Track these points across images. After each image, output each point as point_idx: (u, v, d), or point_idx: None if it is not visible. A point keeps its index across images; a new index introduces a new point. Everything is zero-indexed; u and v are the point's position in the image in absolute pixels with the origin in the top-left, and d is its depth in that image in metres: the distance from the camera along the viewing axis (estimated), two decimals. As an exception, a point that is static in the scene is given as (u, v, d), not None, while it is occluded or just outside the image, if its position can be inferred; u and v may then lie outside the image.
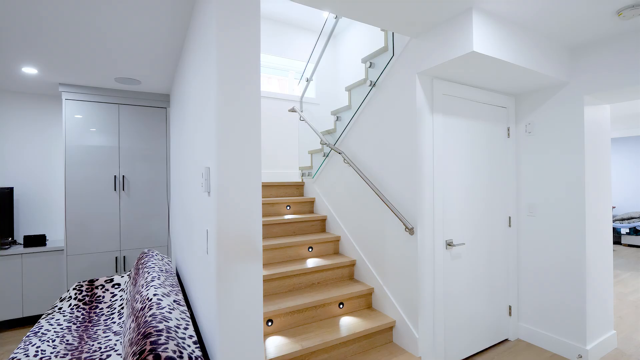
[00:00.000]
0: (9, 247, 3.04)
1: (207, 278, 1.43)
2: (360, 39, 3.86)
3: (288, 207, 3.11)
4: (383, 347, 2.17)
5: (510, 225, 2.59)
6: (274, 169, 3.94)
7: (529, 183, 2.56)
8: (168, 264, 2.36)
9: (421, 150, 2.09)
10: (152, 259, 2.27)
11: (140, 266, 2.20)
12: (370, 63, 2.55)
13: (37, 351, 1.70)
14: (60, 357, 1.67)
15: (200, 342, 1.61)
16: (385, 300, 2.32)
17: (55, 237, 3.47)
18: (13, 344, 2.72)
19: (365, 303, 2.43)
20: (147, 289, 1.71)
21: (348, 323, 2.16)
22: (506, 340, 2.59)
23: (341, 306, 2.31)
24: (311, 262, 2.54)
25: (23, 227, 3.36)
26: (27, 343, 1.78)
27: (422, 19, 1.88)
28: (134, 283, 2.09)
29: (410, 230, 2.02)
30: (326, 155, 3.11)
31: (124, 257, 3.22)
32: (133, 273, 2.27)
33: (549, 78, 2.22)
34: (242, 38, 1.24)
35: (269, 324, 2.04)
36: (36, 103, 3.43)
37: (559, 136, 2.37)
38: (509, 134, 2.60)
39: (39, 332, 1.90)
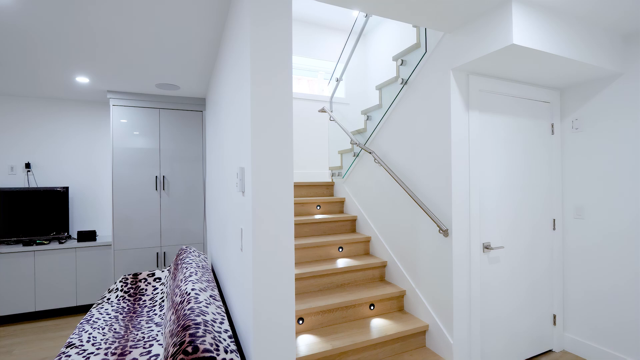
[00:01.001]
0: (65, 242, 3.32)
1: (242, 275, 1.47)
2: (391, 36, 3.80)
3: (318, 207, 3.13)
4: (416, 352, 2.12)
5: (554, 229, 2.44)
6: (304, 169, 3.98)
7: (576, 183, 2.39)
8: (204, 260, 2.47)
9: (456, 148, 2.02)
10: (189, 255, 2.38)
11: (179, 262, 2.31)
12: (402, 61, 2.50)
13: (89, 337, 1.84)
14: (109, 343, 1.80)
15: (234, 337, 1.66)
16: (418, 303, 2.27)
17: (104, 233, 3.74)
18: (68, 329, 2.97)
19: (397, 305, 2.39)
20: (186, 283, 1.80)
21: (379, 325, 2.14)
22: (550, 351, 2.43)
23: (372, 307, 2.29)
24: (341, 262, 2.54)
25: (76, 223, 3.66)
26: (81, 330, 1.93)
27: (456, 13, 1.82)
28: (173, 278, 2.21)
29: (445, 232, 1.96)
30: (356, 155, 3.09)
31: (164, 252, 3.41)
32: (172, 268, 2.40)
33: (600, 69, 2.06)
34: (274, 39, 1.27)
35: (300, 322, 2.06)
36: (87, 109, 3.71)
37: (612, 132, 2.19)
38: (552, 131, 2.44)
39: (90, 320, 2.06)
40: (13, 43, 2.17)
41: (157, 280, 2.63)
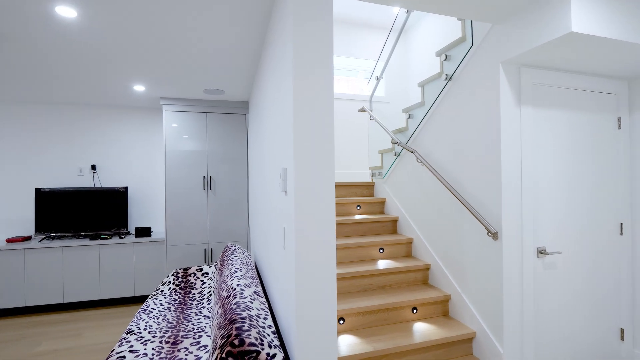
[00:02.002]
0: (124, 237, 3.63)
1: (285, 272, 1.51)
2: (433, 32, 3.67)
3: (358, 207, 3.11)
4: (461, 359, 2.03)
5: (621, 233, 2.20)
6: (343, 169, 3.98)
7: (649, 183, 2.14)
8: (248, 257, 2.56)
9: (506, 146, 1.90)
10: (234, 252, 2.48)
11: (225, 258, 2.43)
12: (446, 56, 2.41)
13: (146, 325, 1.99)
14: (163, 332, 1.94)
15: (277, 332, 1.71)
16: (464, 309, 2.17)
17: (158, 229, 4.03)
18: (128, 317, 3.25)
19: (441, 310, 2.30)
20: (232, 279, 1.88)
21: (422, 329, 2.08)
22: (616, 367, 2.20)
23: (414, 311, 2.23)
24: (382, 264, 2.50)
25: (134, 220, 3.98)
26: (139, 318, 2.10)
27: (506, 3, 1.71)
28: (219, 273, 2.32)
29: (494, 235, 1.86)
30: (397, 155, 3.03)
31: (211, 249, 3.59)
32: (219, 264, 2.52)
33: (678, 55, 1.83)
34: (316, 40, 1.29)
35: (341, 322, 2.07)
36: (143, 115, 4.02)
37: (692, 125, 1.93)
38: (619, 125, 2.21)
39: (147, 309, 2.23)
40: (80, 56, 2.41)
41: (205, 275, 2.78)
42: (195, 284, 2.70)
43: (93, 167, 3.84)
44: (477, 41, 2.08)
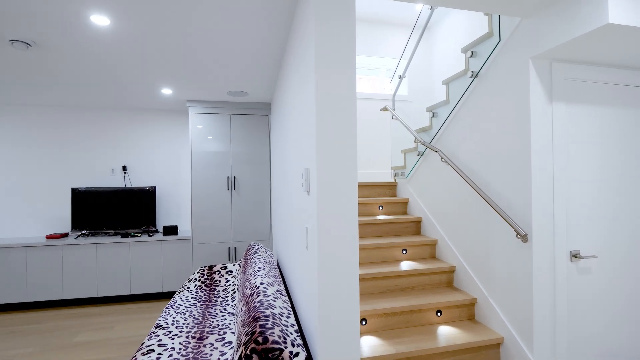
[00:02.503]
0: (153, 235, 3.77)
1: (307, 272, 1.52)
2: (457, 28, 3.57)
3: (380, 208, 3.08)
4: (488, 364, 1.97)
5: (665, 237, 2.06)
6: (365, 169, 3.95)
7: (697, 183, 1.98)
8: (271, 256, 2.59)
9: (537, 144, 1.82)
10: (257, 251, 2.53)
11: (248, 257, 2.47)
12: (472, 52, 2.34)
13: (173, 320, 2.06)
14: (190, 328, 2.00)
15: (300, 331, 1.72)
16: (491, 313, 2.10)
17: (184, 228, 4.16)
18: (156, 312, 3.37)
19: (467, 314, 2.24)
20: (255, 277, 1.91)
21: (447, 333, 2.03)
22: (660, 380, 2.06)
23: (439, 314, 2.18)
24: (405, 265, 2.46)
25: (162, 218, 4.13)
26: (166, 313, 2.17)
27: (537, -4, 1.64)
28: (243, 271, 2.36)
29: (523, 237, 1.79)
30: (421, 154, 2.97)
31: (235, 247, 3.67)
32: (242, 263, 2.57)
33: None
34: (338, 41, 1.29)
35: (363, 323, 2.05)
36: (170, 117, 4.17)
37: None
38: (663, 122, 2.06)
39: (174, 305, 2.31)
40: (112, 62, 2.53)
41: (229, 273, 2.84)
42: (219, 281, 2.77)
43: (124, 168, 4.02)
44: (505, 36, 2.01)
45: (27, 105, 3.82)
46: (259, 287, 1.76)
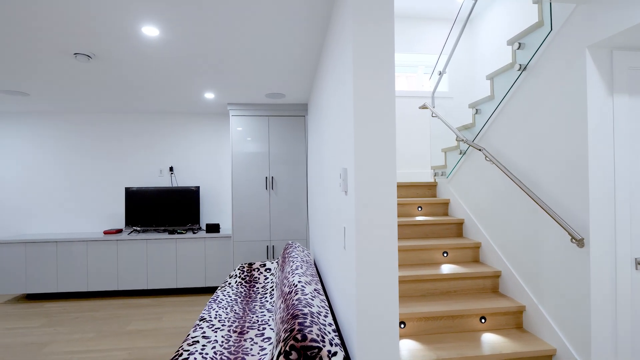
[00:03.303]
0: (197, 232, 3.97)
1: (344, 272, 1.52)
2: (503, 19, 3.37)
3: (419, 209, 3.00)
4: (539, 377, 1.84)
5: None
6: (404, 168, 3.87)
7: None
8: (308, 255, 2.62)
9: (595, 140, 1.67)
10: (295, 250, 2.57)
11: (286, 255, 2.52)
12: (519, 44, 2.20)
13: (216, 314, 2.16)
14: (231, 322, 2.08)
15: (337, 331, 1.72)
16: (541, 322, 1.96)
17: (225, 226, 4.34)
18: (200, 305, 3.55)
19: (514, 322, 2.11)
20: (293, 276, 1.94)
21: (492, 341, 1.93)
22: None
23: (483, 321, 2.07)
24: (446, 268, 2.37)
25: (205, 216, 4.33)
26: (210, 307, 2.28)
27: (595, -21, 1.51)
28: (281, 269, 2.41)
29: (579, 242, 1.65)
30: (463, 153, 2.85)
31: (273, 246, 3.76)
32: (280, 261, 2.62)
33: None
34: (377, 40, 1.27)
35: (402, 326, 2.01)
36: (212, 120, 4.37)
37: None
38: None
39: (216, 299, 2.41)
40: (160, 70, 2.70)
41: (268, 270, 2.92)
42: (258, 278, 2.85)
43: (171, 169, 4.27)
44: (557, 25, 1.87)
45: (86, 112, 4.19)
46: (296, 285, 1.78)
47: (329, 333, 1.38)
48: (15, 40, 2.11)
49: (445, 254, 2.54)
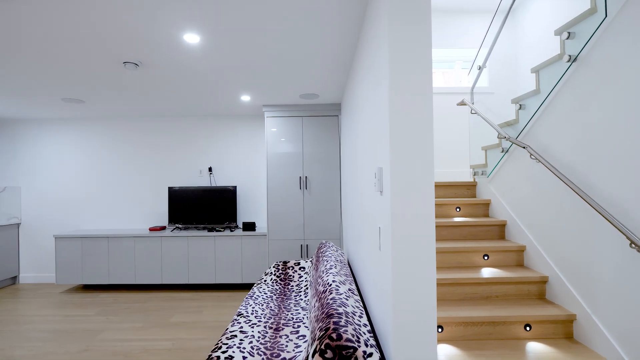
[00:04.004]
0: (234, 230, 4.12)
1: (379, 273, 1.50)
2: (548, 8, 3.15)
3: (458, 209, 2.89)
4: (592, 392, 1.71)
5: None
6: (441, 167, 3.74)
7: None
8: (341, 255, 2.62)
9: (659, 137, 1.52)
10: (329, 250, 2.58)
11: (320, 255, 2.54)
12: (569, 34, 2.05)
13: (252, 310, 2.23)
14: (267, 318, 2.14)
15: (372, 332, 1.71)
16: (595, 333, 1.81)
17: (261, 225, 4.45)
18: (237, 301, 3.67)
19: (564, 331, 1.97)
20: (327, 275, 1.95)
21: (538, 351, 1.81)
22: None
23: (528, 329, 1.96)
24: (487, 272, 2.27)
25: (242, 215, 4.48)
26: (246, 303, 2.35)
27: (660, -42, 1.37)
28: (315, 268, 2.43)
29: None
30: (505, 151, 2.71)
31: (307, 245, 3.80)
32: (314, 260, 2.65)
33: None
34: (413, 36, 1.25)
35: (439, 330, 1.95)
36: (248, 122, 4.50)
37: None
38: None
39: (253, 296, 2.49)
40: (200, 75, 2.83)
41: (302, 269, 2.96)
42: (293, 276, 2.90)
43: (210, 169, 4.46)
44: (613, 11, 1.72)
45: (133, 116, 4.49)
46: (331, 284, 1.79)
47: (364, 334, 1.38)
48: (74, 52, 2.31)
49: (485, 257, 2.43)
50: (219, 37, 2.11)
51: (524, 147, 2.27)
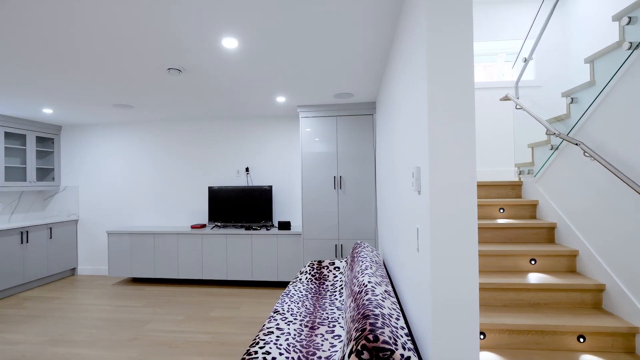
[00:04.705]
0: (270, 229, 4.21)
1: (417, 275, 1.46)
2: (609, -10, 2.89)
3: (501, 210, 2.74)
4: (659, 415, 1.54)
5: None
6: (482, 166, 3.57)
7: None
8: (377, 255, 2.59)
9: None
10: (364, 250, 2.55)
11: (355, 255, 2.52)
12: (629, 18, 1.87)
13: (288, 308, 2.26)
14: (303, 317, 2.16)
15: (410, 335, 1.67)
16: (663, 349, 1.63)
17: (296, 224, 4.51)
18: (273, 298, 3.75)
19: (624, 345, 1.80)
20: (362, 275, 1.94)
21: (594, 364, 1.67)
22: None
23: (582, 340, 1.81)
24: (534, 278, 2.13)
25: (277, 214, 4.56)
26: (282, 301, 2.39)
27: None
28: (350, 269, 2.42)
29: None
30: (555, 148, 2.52)
31: (341, 245, 3.79)
32: (349, 260, 2.63)
33: None
34: (452, 32, 1.20)
35: (481, 337, 1.86)
36: (282, 123, 4.57)
37: None
38: None
39: (289, 294, 2.53)
40: (238, 78, 2.92)
41: (337, 269, 2.95)
42: (328, 276, 2.91)
43: (247, 169, 4.60)
44: (687, -10, 1.54)
45: (175, 119, 4.74)
46: (366, 285, 1.77)
47: (402, 337, 1.34)
48: (126, 62, 2.48)
49: (532, 262, 2.28)
50: (255, 40, 2.16)
51: (576, 144, 2.10)
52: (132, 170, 4.91)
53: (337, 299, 2.50)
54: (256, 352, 1.67)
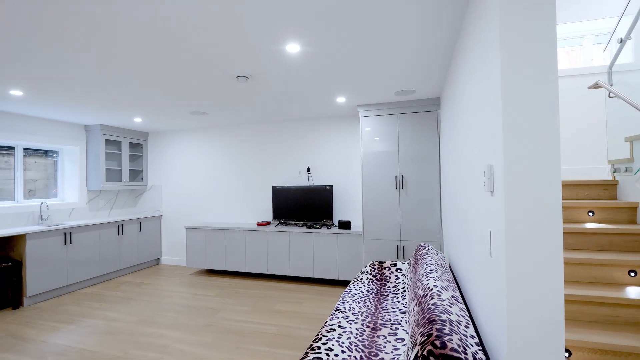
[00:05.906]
0: (330, 228, 4.27)
1: (491, 283, 1.37)
2: None
3: (591, 214, 2.41)
4: None
5: None
6: (567, 164, 3.18)
7: None
8: (442, 259, 2.47)
9: None
10: (428, 252, 2.45)
11: (419, 257, 2.43)
12: None
13: (350, 307, 2.27)
14: (364, 317, 2.15)
15: (480, 345, 1.56)
16: None
17: (356, 224, 4.51)
18: (334, 296, 3.80)
19: None
20: (427, 279, 1.87)
21: None
22: None
23: (701, 370, 1.51)
24: (634, 292, 1.84)
25: (337, 214, 4.61)
26: (344, 299, 2.42)
27: None
28: (413, 271, 2.35)
29: None
30: (662, 142, 2.14)
31: (403, 246, 3.69)
32: (412, 262, 2.55)
33: None
34: (529, 12, 1.09)
35: (567, 354, 1.67)
36: (342, 123, 4.60)
37: None
38: None
39: (350, 293, 2.54)
40: (299, 82, 3.01)
41: (399, 271, 2.89)
42: (389, 277, 2.85)
43: (308, 169, 4.72)
44: None
45: (242, 123, 5.06)
46: (432, 289, 1.70)
47: (472, 345, 1.27)
48: (200, 72, 2.73)
49: (632, 274, 1.97)
50: (317, 43, 2.21)
51: (693, 136, 1.76)
52: (205, 171, 5.37)
53: (399, 302, 2.44)
54: (319, 348, 1.71)
